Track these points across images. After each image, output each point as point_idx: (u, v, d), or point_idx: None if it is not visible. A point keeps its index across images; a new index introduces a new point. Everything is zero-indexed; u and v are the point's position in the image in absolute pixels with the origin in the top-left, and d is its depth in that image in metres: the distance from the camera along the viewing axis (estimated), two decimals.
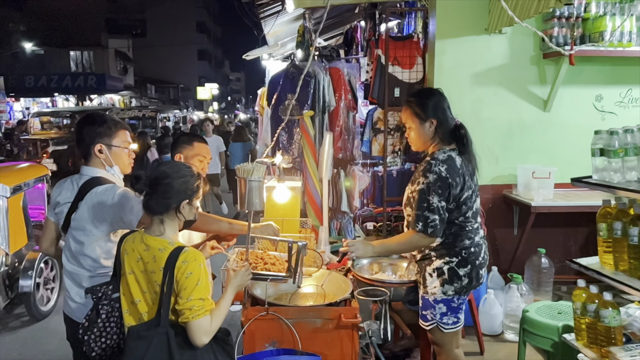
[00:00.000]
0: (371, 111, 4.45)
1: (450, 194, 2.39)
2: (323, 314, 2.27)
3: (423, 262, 2.55)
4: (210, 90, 42.48)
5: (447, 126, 2.50)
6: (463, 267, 2.46)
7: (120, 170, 2.36)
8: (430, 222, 2.39)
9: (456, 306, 2.51)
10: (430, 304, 2.51)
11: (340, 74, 4.11)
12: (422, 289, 2.57)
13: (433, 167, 2.39)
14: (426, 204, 2.39)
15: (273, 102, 4.08)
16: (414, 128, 2.54)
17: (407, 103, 2.59)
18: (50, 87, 25.63)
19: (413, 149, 2.65)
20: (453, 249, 2.47)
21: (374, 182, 4.51)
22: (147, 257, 1.85)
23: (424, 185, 2.40)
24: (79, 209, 2.22)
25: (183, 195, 1.89)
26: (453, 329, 2.53)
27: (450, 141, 2.50)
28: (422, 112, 2.49)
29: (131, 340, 1.77)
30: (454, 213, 2.44)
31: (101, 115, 2.36)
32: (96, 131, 2.28)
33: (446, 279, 2.46)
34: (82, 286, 2.26)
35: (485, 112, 4.10)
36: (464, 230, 2.48)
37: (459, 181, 2.40)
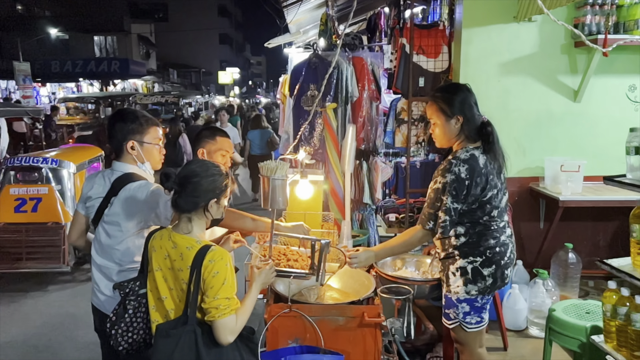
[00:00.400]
0: (395, 101, 4.38)
1: (470, 194, 2.34)
2: (346, 312, 2.25)
3: (446, 261, 2.51)
4: (232, 75, 42.53)
5: (474, 123, 2.43)
6: (487, 267, 2.41)
7: (151, 167, 2.38)
8: (440, 222, 2.37)
9: (480, 306, 2.46)
10: (453, 302, 2.48)
11: (364, 64, 4.02)
12: (445, 287, 2.53)
13: (452, 167, 2.34)
14: (439, 204, 2.37)
15: (295, 92, 4.04)
16: (439, 124, 2.48)
17: (432, 98, 2.52)
18: (75, 72, 26.00)
19: (437, 145, 2.59)
20: (477, 249, 2.42)
21: (397, 173, 4.46)
22: (175, 255, 1.86)
23: (440, 184, 2.37)
24: (113, 205, 2.25)
25: (211, 194, 1.90)
26: (476, 329, 2.48)
27: (476, 139, 2.44)
28: (448, 109, 2.42)
29: (160, 338, 1.80)
30: (477, 213, 2.39)
31: (133, 112, 2.39)
32: (128, 128, 2.29)
33: (469, 278, 2.41)
34: (112, 279, 2.29)
35: (512, 103, 3.99)
36: (489, 230, 2.42)
37: (480, 181, 2.34)
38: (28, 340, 4.03)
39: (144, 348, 2.03)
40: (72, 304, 4.73)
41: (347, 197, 3.25)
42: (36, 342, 4.00)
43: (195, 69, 42.42)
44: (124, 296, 2.00)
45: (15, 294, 5.04)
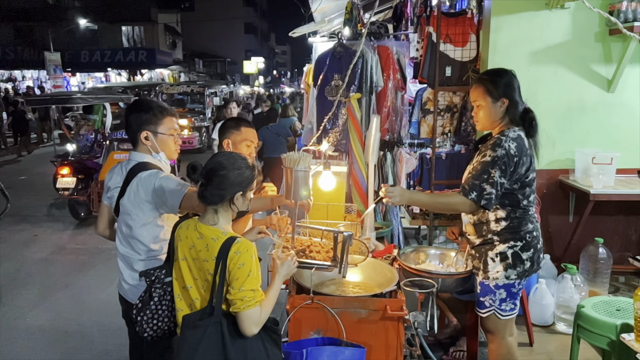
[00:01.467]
0: (420, 91, 4.31)
1: (515, 172, 2.36)
2: (368, 305, 2.24)
3: (483, 247, 2.52)
4: (257, 64, 42.63)
5: (518, 108, 2.46)
6: (526, 251, 2.44)
7: (166, 157, 2.39)
8: (485, 194, 2.35)
9: (516, 292, 2.49)
10: (491, 289, 2.50)
11: (389, 53, 3.97)
12: (481, 274, 2.53)
13: (503, 143, 2.36)
14: (487, 176, 2.36)
15: (319, 82, 4.01)
16: (484, 106, 2.48)
17: (479, 80, 2.53)
18: (103, 62, 26.51)
19: (478, 128, 2.59)
20: (518, 233, 2.44)
21: (422, 164, 4.40)
22: (200, 245, 1.87)
23: (489, 157, 2.37)
24: (126, 194, 2.27)
25: (237, 187, 1.89)
26: (510, 316, 2.52)
27: (519, 123, 2.46)
28: (495, 91, 2.44)
29: (187, 329, 1.81)
30: (518, 195, 2.42)
31: (148, 102, 2.39)
32: (142, 118, 2.30)
33: (510, 263, 2.44)
34: (134, 269, 2.33)
35: (542, 93, 3.88)
36: (527, 214, 2.46)
37: (526, 161, 2.38)
38: (58, 325, 4.14)
39: (168, 335, 2.05)
40: (101, 290, 4.85)
41: (370, 189, 3.22)
42: (66, 327, 4.11)
43: (221, 59, 42.67)
44: (149, 284, 2.03)
45: (47, 279, 5.19)
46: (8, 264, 5.61)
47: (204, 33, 39.45)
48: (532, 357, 3.22)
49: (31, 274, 5.34)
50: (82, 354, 3.71)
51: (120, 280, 2.41)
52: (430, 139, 4.28)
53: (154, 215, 2.25)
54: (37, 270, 5.46)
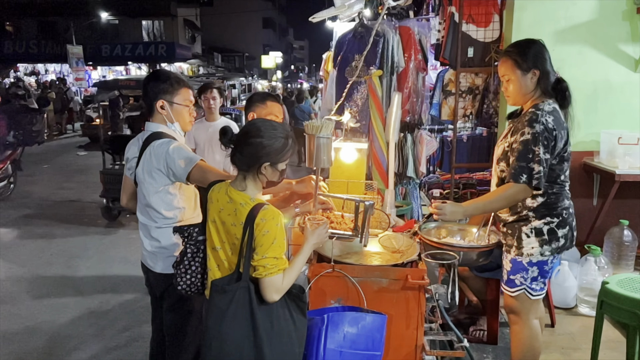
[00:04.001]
0: (442, 72, 4.27)
1: (556, 146, 2.29)
2: (389, 274, 2.23)
3: (517, 224, 2.44)
4: (274, 59, 42.69)
5: (549, 78, 2.38)
6: (562, 227, 2.38)
7: (180, 128, 2.41)
8: (535, 173, 2.26)
9: (548, 269, 2.44)
10: (524, 266, 2.43)
11: (411, 33, 3.94)
12: (514, 251, 2.45)
13: (540, 118, 2.27)
14: (531, 155, 2.26)
15: (338, 61, 4.00)
16: (514, 80, 2.39)
17: (506, 54, 2.45)
18: (124, 56, 26.79)
19: (509, 103, 2.51)
20: (555, 209, 2.38)
21: (442, 147, 4.37)
22: (229, 209, 1.87)
23: (529, 135, 2.27)
24: (140, 162, 2.31)
25: (264, 158, 1.85)
26: (539, 296, 2.45)
27: (551, 95, 2.38)
28: (525, 62, 2.36)
29: (216, 294, 1.83)
30: (556, 169, 2.35)
31: (166, 72, 2.41)
32: (159, 87, 2.32)
33: (545, 239, 2.38)
34: (152, 237, 2.36)
35: (567, 73, 3.73)
36: (564, 190, 2.41)
37: (564, 134, 2.31)
38: (81, 303, 4.22)
39: (201, 290, 2.06)
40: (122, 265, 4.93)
41: (390, 166, 3.20)
42: (89, 304, 4.19)
43: (239, 53, 42.83)
44: (184, 240, 2.05)
45: (69, 257, 5.29)
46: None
47: (222, 28, 39.62)
48: (554, 337, 3.18)
49: (55, 254, 5.46)
50: (106, 330, 3.78)
51: (142, 248, 2.45)
52: (451, 121, 4.24)
53: (165, 183, 2.27)
54: (59, 248, 5.57)
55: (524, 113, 2.40)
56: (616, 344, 3.01)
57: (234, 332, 1.79)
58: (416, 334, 2.25)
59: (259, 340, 1.79)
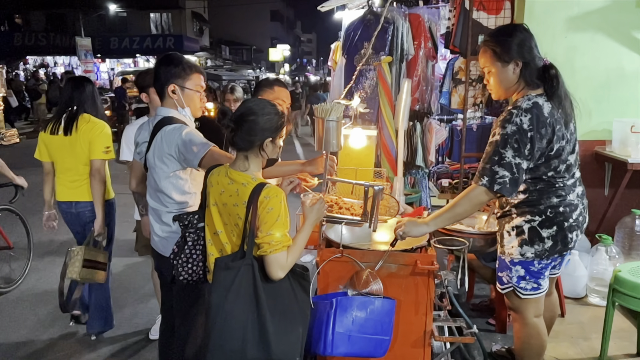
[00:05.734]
0: (452, 60, 4.22)
1: (534, 148, 2.08)
2: (399, 260, 2.22)
3: (503, 219, 2.32)
4: (282, 52, 42.66)
5: (534, 67, 2.16)
6: (547, 228, 2.17)
7: (191, 113, 2.40)
8: (498, 177, 2.08)
9: (536, 270, 2.23)
10: (507, 265, 2.28)
11: (421, 20, 3.91)
12: (499, 248, 2.34)
13: (513, 118, 2.08)
14: (497, 157, 2.08)
15: (347, 49, 3.98)
16: (495, 73, 2.21)
17: (484, 44, 2.24)
18: (132, 49, 26.92)
19: (494, 97, 2.33)
20: (537, 207, 2.17)
21: (452, 136, 4.32)
22: (231, 190, 1.88)
23: (499, 136, 2.10)
24: (151, 147, 2.30)
25: (267, 133, 1.88)
26: (532, 296, 2.27)
27: (538, 84, 2.17)
28: (505, 53, 2.15)
29: (219, 270, 1.83)
30: (541, 168, 2.15)
31: (178, 57, 2.39)
32: (171, 72, 2.31)
33: (525, 239, 2.19)
34: (163, 221, 2.36)
35: (579, 60, 3.76)
36: (553, 187, 2.17)
37: (546, 133, 2.09)
38: None
39: (203, 279, 2.07)
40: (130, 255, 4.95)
41: (400, 153, 3.19)
42: None
43: (247, 46, 42.84)
44: (183, 228, 2.05)
45: None
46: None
47: (230, 20, 39.62)
48: (564, 327, 3.16)
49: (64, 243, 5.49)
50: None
51: (152, 233, 2.45)
52: (461, 110, 4.19)
53: (176, 168, 2.27)
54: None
55: (504, 111, 2.19)
56: (627, 334, 2.99)
57: (238, 308, 1.79)
58: (425, 320, 2.24)
59: (263, 317, 1.80)
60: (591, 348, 2.90)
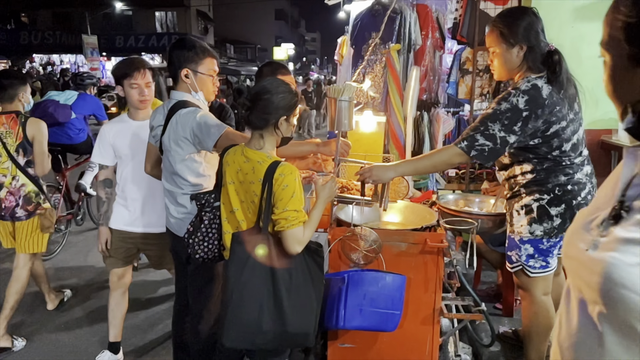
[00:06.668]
0: (459, 51, 4.26)
1: (527, 127, 2.13)
2: (408, 238, 2.26)
3: (512, 200, 2.37)
4: (286, 51, 42.72)
5: (539, 52, 2.21)
6: (555, 206, 2.22)
7: (204, 97, 2.44)
8: (477, 145, 2.15)
9: (545, 249, 2.29)
10: (516, 244, 2.34)
11: (428, 11, 3.94)
12: (508, 227, 2.41)
13: (511, 97, 2.14)
14: (483, 127, 2.15)
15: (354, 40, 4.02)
16: (499, 53, 2.27)
17: (492, 24, 2.30)
18: (137, 47, 27.00)
19: (496, 77, 2.40)
20: (545, 186, 2.23)
21: (459, 126, 4.37)
22: (247, 169, 1.92)
23: (491, 110, 2.18)
24: (166, 131, 2.35)
25: (282, 111, 1.93)
26: (540, 274, 2.33)
27: (541, 69, 2.21)
28: (511, 36, 2.21)
29: (236, 244, 1.88)
30: (542, 147, 2.20)
31: (191, 41, 2.42)
32: (184, 56, 2.34)
33: (534, 217, 2.25)
34: (179, 203, 2.41)
35: (586, 50, 3.78)
36: (560, 166, 2.22)
37: (542, 113, 2.13)
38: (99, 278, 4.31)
39: (218, 257, 2.12)
40: None
41: (408, 140, 3.23)
42: None
43: (251, 45, 42.94)
44: (200, 207, 2.10)
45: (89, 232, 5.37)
46: None
47: (235, 19, 39.74)
48: None
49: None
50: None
51: (167, 215, 2.50)
52: (468, 100, 4.23)
53: (191, 151, 2.31)
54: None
55: (505, 91, 2.26)
56: None
57: (254, 282, 1.84)
58: (434, 298, 2.28)
59: (278, 291, 1.85)
60: None
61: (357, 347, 2.34)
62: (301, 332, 1.89)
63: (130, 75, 2.70)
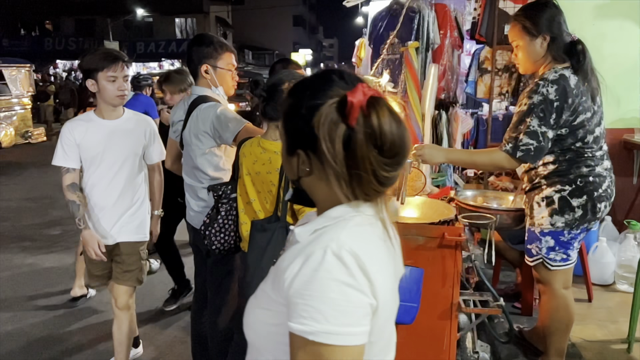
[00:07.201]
0: (478, 50, 4.25)
1: (560, 118, 2.16)
2: (426, 232, 2.25)
3: (532, 192, 2.37)
4: (304, 57, 42.85)
5: (562, 42, 2.24)
6: (577, 197, 2.22)
7: (224, 92, 2.47)
8: (521, 145, 2.17)
9: (566, 241, 2.28)
10: (536, 236, 2.33)
11: (447, 10, 3.94)
12: (528, 220, 2.39)
13: (540, 89, 2.16)
14: (522, 126, 2.17)
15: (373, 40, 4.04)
16: (523, 46, 2.29)
17: (515, 18, 2.33)
18: (158, 53, 27.43)
19: (521, 71, 2.42)
20: (567, 177, 2.24)
21: (477, 126, 4.34)
22: (264, 159, 1.95)
23: (525, 106, 2.19)
24: (187, 125, 2.39)
25: None
26: (561, 267, 2.31)
27: (565, 59, 2.24)
28: (534, 27, 2.23)
29: (256, 232, 1.90)
30: (568, 139, 2.22)
31: (209, 37, 2.46)
32: (203, 52, 2.38)
33: (556, 208, 2.25)
34: (199, 197, 2.45)
35: (607, 48, 3.74)
36: (582, 157, 2.23)
37: (572, 102, 2.16)
38: None
39: (234, 249, 2.15)
40: None
41: (426, 138, 3.22)
42: None
43: (269, 51, 43.20)
44: (217, 199, 2.13)
45: None
46: None
47: (253, 25, 40.05)
48: (591, 311, 3.14)
49: None
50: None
51: (188, 209, 2.54)
52: (487, 99, 4.21)
53: (211, 145, 2.34)
54: None
55: (532, 83, 2.28)
56: None
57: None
58: (452, 292, 2.27)
59: None
60: (619, 330, 2.88)
61: None
62: None
63: (107, 68, 2.33)
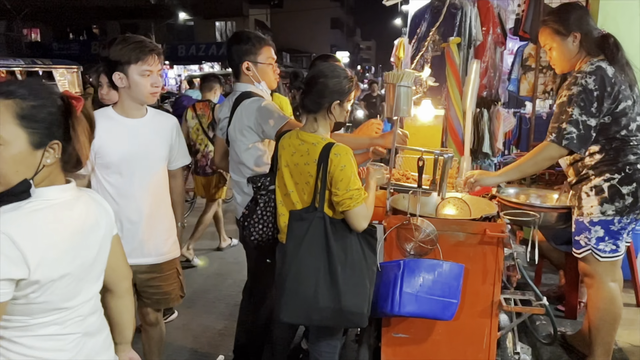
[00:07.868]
0: (521, 47, 4.14)
1: (602, 107, 2.22)
2: (467, 228, 2.21)
3: (579, 184, 2.38)
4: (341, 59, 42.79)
5: (592, 37, 2.34)
6: (627, 184, 2.25)
7: (267, 86, 2.50)
8: (565, 133, 2.23)
9: (616, 230, 2.28)
10: (585, 226, 2.32)
11: (489, 6, 3.86)
12: (576, 211, 2.38)
13: (579, 80, 2.24)
14: (564, 116, 2.25)
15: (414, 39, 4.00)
16: (556, 47, 2.40)
17: (543, 23, 2.47)
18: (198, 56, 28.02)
19: (557, 71, 2.50)
20: (615, 165, 2.27)
21: (520, 125, 4.23)
22: (302, 151, 1.97)
23: (565, 97, 2.28)
24: (232, 122, 2.42)
25: (335, 96, 1.97)
26: (609, 258, 2.31)
27: (599, 52, 2.32)
28: (563, 27, 2.35)
29: (294, 221, 1.95)
30: (612, 127, 2.27)
31: (246, 33, 2.50)
32: (242, 49, 2.42)
33: (606, 197, 2.27)
34: (244, 192, 2.48)
35: None
36: (628, 145, 2.27)
37: (611, 91, 2.22)
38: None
39: (273, 241, 2.17)
40: None
41: (467, 135, 3.16)
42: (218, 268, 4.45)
43: (307, 54, 43.45)
44: (255, 190, 2.16)
45: None
46: None
47: (291, 28, 40.43)
48: (638, 317, 3.01)
49: None
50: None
51: (237, 206, 2.57)
52: (530, 97, 4.10)
53: (254, 140, 2.37)
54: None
55: (570, 76, 2.36)
56: None
57: (311, 257, 1.89)
58: (493, 290, 2.22)
59: (334, 268, 1.88)
60: None
61: (411, 338, 2.30)
62: (356, 312, 1.90)
63: (141, 60, 2.00)
